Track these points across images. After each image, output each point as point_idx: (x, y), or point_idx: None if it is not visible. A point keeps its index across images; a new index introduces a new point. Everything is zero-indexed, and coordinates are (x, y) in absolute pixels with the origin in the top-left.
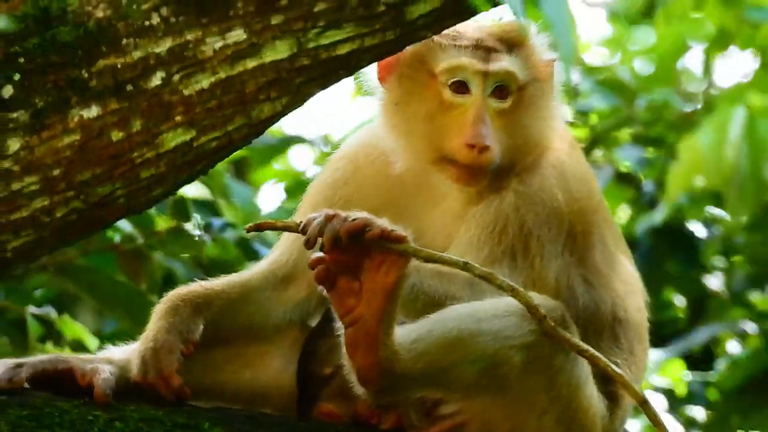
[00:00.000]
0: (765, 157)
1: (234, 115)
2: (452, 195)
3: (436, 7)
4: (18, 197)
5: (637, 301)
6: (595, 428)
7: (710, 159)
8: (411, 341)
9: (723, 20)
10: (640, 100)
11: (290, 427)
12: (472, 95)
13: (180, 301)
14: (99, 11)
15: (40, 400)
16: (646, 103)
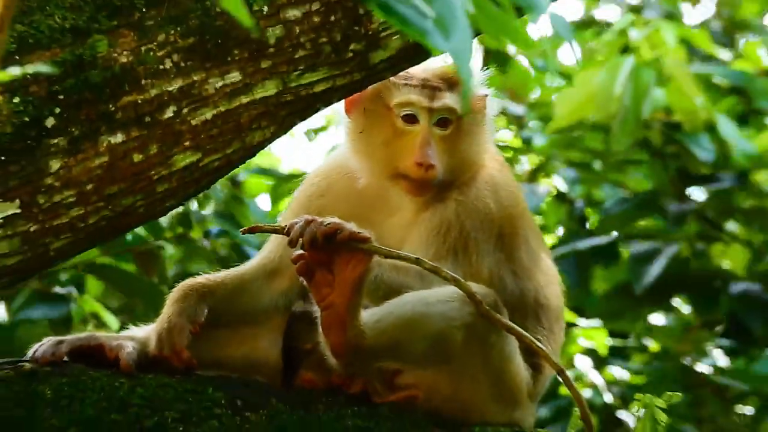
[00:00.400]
0: (644, 98)
1: (232, 140)
2: (405, 204)
3: (392, 54)
4: (58, 207)
5: (555, 289)
6: (521, 392)
7: (601, 95)
8: (374, 322)
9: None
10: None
11: (277, 392)
12: (420, 125)
13: (189, 290)
14: (123, 57)
15: (76, 370)
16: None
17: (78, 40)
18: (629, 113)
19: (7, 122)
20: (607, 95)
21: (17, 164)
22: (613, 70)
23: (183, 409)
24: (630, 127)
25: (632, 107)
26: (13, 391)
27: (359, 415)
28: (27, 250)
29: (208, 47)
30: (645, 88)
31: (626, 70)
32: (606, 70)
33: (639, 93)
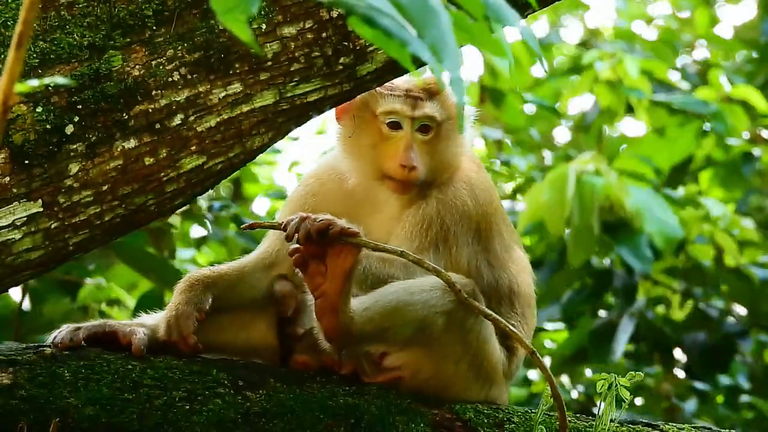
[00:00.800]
0: (593, 214)
1: (234, 145)
2: (391, 202)
3: (378, 67)
4: (77, 206)
5: (526, 278)
6: (497, 372)
7: (550, 212)
8: (362, 309)
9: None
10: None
11: (275, 373)
12: (404, 131)
13: (195, 281)
14: (135, 71)
15: (93, 354)
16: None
17: (95, 55)
18: (581, 231)
19: (31, 129)
20: (557, 214)
21: (40, 167)
22: (558, 186)
23: (189, 388)
24: (585, 246)
25: (583, 225)
26: (35, 373)
27: (350, 393)
28: (48, 245)
29: (212, 61)
30: (592, 205)
31: (571, 186)
32: (551, 186)
33: (587, 210)
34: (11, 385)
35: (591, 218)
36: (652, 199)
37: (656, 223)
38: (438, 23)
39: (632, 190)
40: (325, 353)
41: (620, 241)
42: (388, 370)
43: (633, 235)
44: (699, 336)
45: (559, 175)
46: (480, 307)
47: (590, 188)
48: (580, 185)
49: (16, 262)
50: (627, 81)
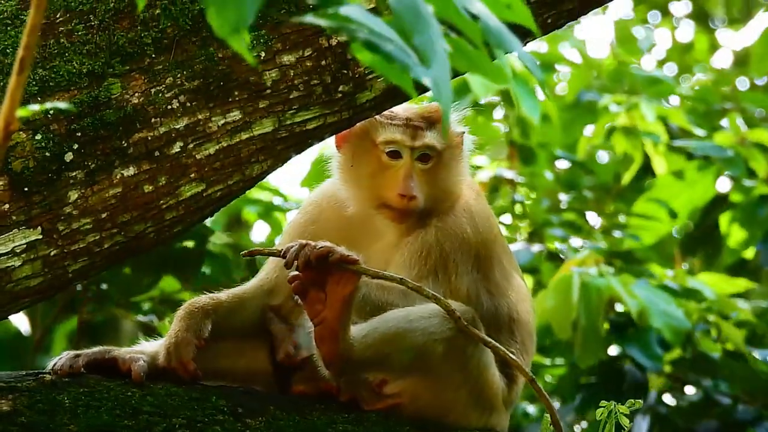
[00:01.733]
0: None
1: (233, 173)
2: (389, 230)
3: (377, 95)
4: (76, 233)
5: (526, 305)
6: (497, 399)
7: (556, 316)
8: (362, 336)
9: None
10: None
11: (275, 400)
12: (403, 160)
13: (194, 309)
14: (134, 98)
15: (92, 380)
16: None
17: (94, 83)
18: (588, 335)
19: (30, 157)
20: (563, 318)
21: (39, 195)
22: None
23: (189, 415)
24: (592, 349)
25: (589, 328)
26: (35, 399)
27: (349, 420)
28: (48, 272)
29: (212, 89)
30: (597, 309)
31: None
32: (555, 292)
33: (593, 314)
34: (11, 412)
35: (597, 320)
36: (654, 294)
37: (662, 317)
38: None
39: (637, 290)
40: (324, 380)
41: (628, 340)
42: (387, 397)
43: (641, 334)
44: (711, 424)
45: (563, 280)
46: (479, 335)
47: (595, 291)
48: (584, 289)
49: (16, 289)
50: (643, 126)
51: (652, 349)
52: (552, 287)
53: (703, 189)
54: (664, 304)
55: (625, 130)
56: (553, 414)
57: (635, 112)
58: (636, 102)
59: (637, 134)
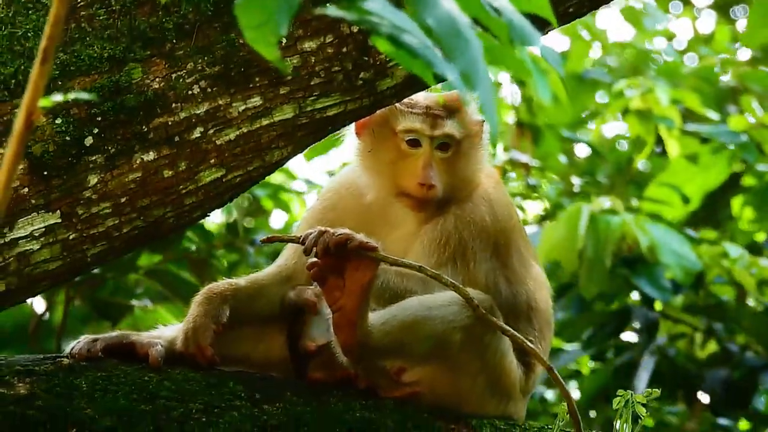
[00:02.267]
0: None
1: (253, 159)
2: (408, 218)
3: (398, 82)
4: (96, 218)
5: (544, 293)
6: (514, 388)
7: (564, 248)
8: (380, 323)
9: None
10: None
11: (292, 386)
12: (423, 148)
13: (213, 294)
14: (155, 83)
15: (110, 365)
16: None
17: (115, 67)
18: (593, 264)
19: (51, 141)
20: (570, 249)
21: (59, 179)
22: (571, 222)
23: (206, 401)
24: (597, 279)
25: (595, 258)
26: (53, 383)
27: (367, 407)
28: (66, 256)
29: (233, 75)
30: (605, 239)
31: (584, 222)
32: (564, 224)
33: (600, 244)
34: (28, 396)
35: (603, 251)
36: (668, 234)
37: (673, 255)
38: (469, 50)
39: (649, 228)
40: (341, 367)
41: (638, 274)
42: (405, 385)
43: (650, 268)
44: (721, 372)
45: (573, 213)
46: (498, 323)
47: (604, 224)
48: (593, 221)
49: (34, 272)
50: (657, 110)
51: (661, 282)
52: (561, 220)
53: (716, 173)
54: (677, 244)
55: (638, 113)
56: (571, 403)
57: (650, 95)
58: (651, 86)
59: (651, 117)
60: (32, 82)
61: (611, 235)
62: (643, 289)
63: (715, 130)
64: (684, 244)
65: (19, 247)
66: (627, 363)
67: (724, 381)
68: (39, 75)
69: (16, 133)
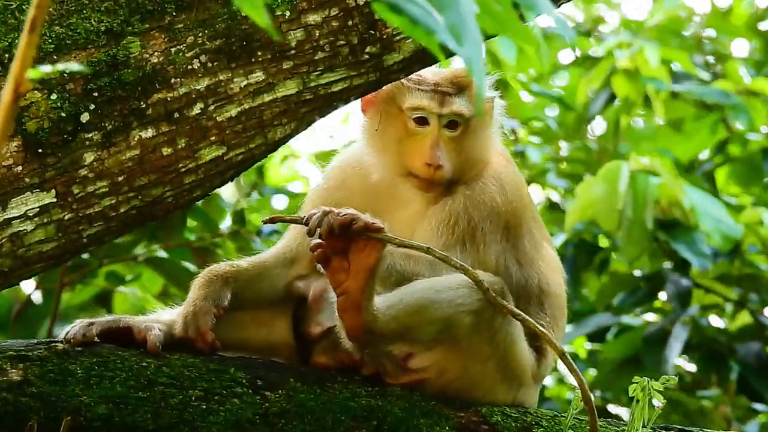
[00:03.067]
0: (646, 208)
1: (255, 136)
2: (415, 199)
3: (406, 57)
4: (92, 197)
5: (557, 277)
6: (526, 373)
7: (602, 206)
8: (386, 307)
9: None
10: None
11: (295, 372)
12: (430, 127)
13: (214, 276)
14: (154, 58)
15: (106, 350)
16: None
17: (112, 41)
18: (633, 225)
19: (45, 117)
20: (609, 207)
21: (54, 156)
22: (610, 180)
23: (206, 387)
24: (636, 239)
25: (635, 219)
26: (47, 369)
27: (372, 394)
28: (61, 236)
29: (234, 49)
30: (645, 199)
31: (624, 180)
32: (603, 180)
33: (640, 204)
34: (21, 382)
35: (644, 212)
36: (707, 199)
37: (713, 220)
38: (457, 4)
39: (687, 190)
40: (346, 353)
41: (676, 238)
42: (412, 371)
43: (689, 232)
44: (754, 346)
45: (612, 171)
46: (508, 307)
47: (644, 183)
48: (633, 180)
49: (28, 254)
50: (646, 71)
51: (700, 247)
52: (600, 176)
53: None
54: (716, 208)
55: (626, 73)
56: (584, 390)
57: (639, 56)
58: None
59: (639, 77)
60: (20, 52)
61: (650, 195)
62: (683, 254)
63: (707, 90)
64: (722, 209)
65: (12, 227)
66: (657, 331)
67: (757, 355)
68: (27, 44)
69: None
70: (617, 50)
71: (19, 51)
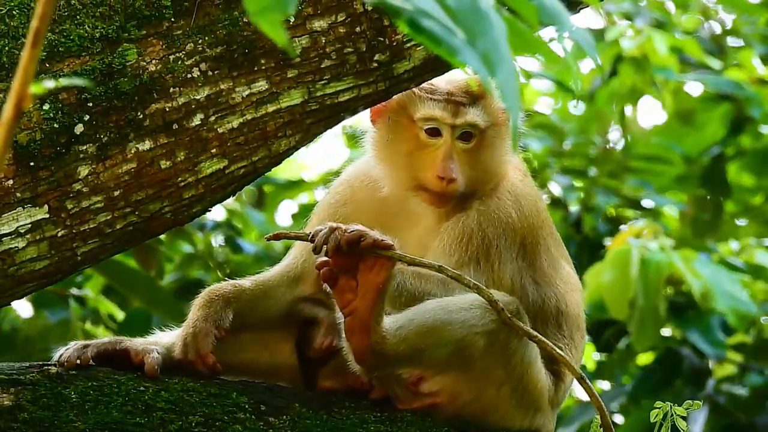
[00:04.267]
0: (658, 297)
1: (258, 148)
2: (427, 214)
3: (417, 65)
4: (86, 212)
5: (575, 297)
6: (542, 398)
7: (612, 293)
8: (396, 328)
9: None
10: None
11: (300, 397)
12: (443, 138)
13: (214, 296)
14: (151, 66)
15: (102, 374)
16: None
17: (107, 48)
18: (646, 313)
19: (37, 129)
20: (620, 295)
21: (46, 170)
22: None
23: (207, 413)
24: (649, 329)
25: (647, 306)
26: (39, 393)
27: (382, 420)
28: (54, 254)
29: (236, 56)
30: (657, 286)
31: (635, 267)
32: (612, 267)
33: (652, 292)
34: (13, 407)
35: (657, 299)
36: (719, 273)
37: (727, 299)
38: (490, 31)
39: (698, 266)
40: (353, 376)
41: (689, 323)
42: (423, 396)
43: (703, 318)
44: None
45: (621, 254)
46: (524, 328)
47: (655, 268)
48: (644, 265)
49: (20, 272)
50: (654, 59)
51: (715, 334)
52: (609, 260)
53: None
54: (729, 284)
55: (634, 61)
56: (604, 416)
57: (647, 43)
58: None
59: (647, 66)
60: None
61: (661, 278)
62: (697, 344)
63: (717, 80)
64: (735, 283)
65: (2, 244)
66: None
67: None
68: (29, 59)
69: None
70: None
71: (21, 65)
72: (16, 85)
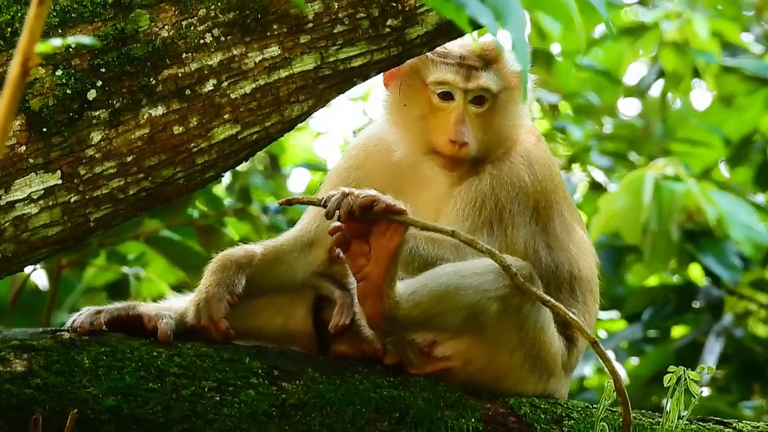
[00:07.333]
0: (671, 221)
1: (270, 114)
2: (440, 178)
3: (429, 30)
4: (99, 178)
5: (588, 261)
6: (555, 363)
7: (625, 218)
8: (409, 293)
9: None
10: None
11: (313, 362)
12: (455, 102)
13: (227, 261)
14: (164, 32)
15: (115, 339)
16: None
17: (120, 14)
18: (659, 238)
19: (50, 94)
20: (632, 220)
21: (59, 136)
22: (633, 191)
23: (220, 378)
24: (661, 252)
25: (660, 231)
26: (52, 359)
27: (395, 385)
28: (67, 220)
29: (248, 22)
30: (670, 210)
31: (648, 191)
32: (626, 192)
33: (665, 216)
34: (26, 373)
35: (669, 224)
36: (736, 204)
37: (743, 229)
38: None
39: (715, 196)
40: (367, 341)
41: (704, 249)
42: (436, 360)
43: (718, 243)
44: None
45: (635, 181)
46: (537, 293)
47: (669, 193)
48: (657, 190)
49: (32, 238)
50: (695, 43)
51: (730, 259)
52: (622, 187)
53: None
54: (746, 215)
55: (674, 46)
56: (618, 380)
57: (687, 27)
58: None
59: (688, 51)
60: (28, 25)
61: (676, 205)
62: (711, 267)
63: (758, 64)
64: (752, 215)
65: (15, 210)
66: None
67: None
68: (36, 16)
69: (11, 80)
70: (664, 21)
71: (27, 23)
72: (22, 42)
